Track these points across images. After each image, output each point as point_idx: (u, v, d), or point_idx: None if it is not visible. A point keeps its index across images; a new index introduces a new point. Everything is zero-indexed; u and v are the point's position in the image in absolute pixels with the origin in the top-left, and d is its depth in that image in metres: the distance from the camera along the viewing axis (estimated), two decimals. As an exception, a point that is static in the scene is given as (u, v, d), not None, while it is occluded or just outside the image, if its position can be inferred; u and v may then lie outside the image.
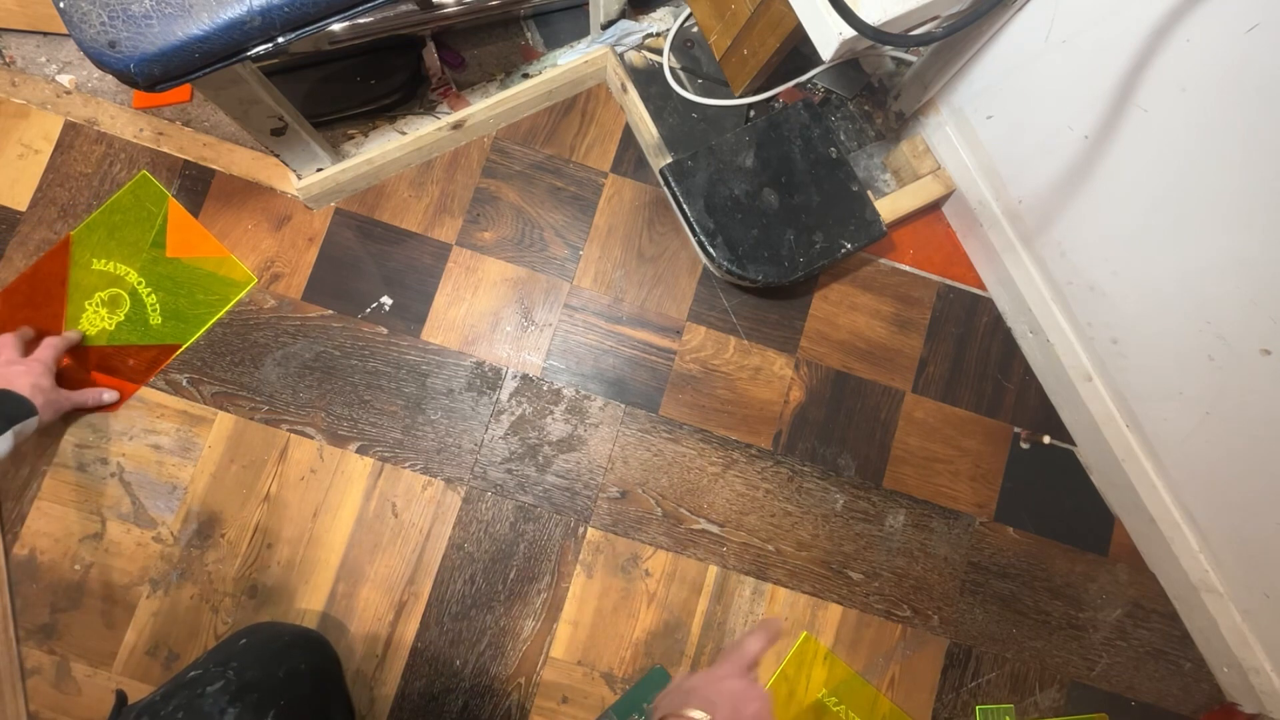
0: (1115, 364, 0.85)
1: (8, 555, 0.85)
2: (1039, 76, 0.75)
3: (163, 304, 0.88)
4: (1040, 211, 0.84)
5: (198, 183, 0.93)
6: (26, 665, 0.83)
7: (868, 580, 0.92)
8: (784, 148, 0.89)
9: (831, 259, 0.88)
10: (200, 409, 0.89)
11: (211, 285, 0.90)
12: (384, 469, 0.89)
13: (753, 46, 0.83)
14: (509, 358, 0.93)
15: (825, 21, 0.62)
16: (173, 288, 0.90)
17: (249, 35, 0.57)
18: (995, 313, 0.99)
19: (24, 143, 0.92)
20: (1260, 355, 0.67)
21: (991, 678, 0.91)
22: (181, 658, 0.84)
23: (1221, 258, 0.66)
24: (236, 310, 0.91)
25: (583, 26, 0.97)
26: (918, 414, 0.96)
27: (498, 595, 0.88)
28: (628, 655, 0.88)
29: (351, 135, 0.92)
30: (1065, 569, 0.94)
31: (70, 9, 0.55)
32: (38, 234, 0.90)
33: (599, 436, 0.92)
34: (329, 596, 0.87)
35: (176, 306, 0.89)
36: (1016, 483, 0.95)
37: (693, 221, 0.86)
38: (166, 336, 0.89)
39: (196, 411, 0.89)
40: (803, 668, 0.89)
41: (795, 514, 0.92)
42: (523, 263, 0.95)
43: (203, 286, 0.90)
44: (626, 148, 0.98)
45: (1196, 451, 0.80)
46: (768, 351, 0.96)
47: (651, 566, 0.90)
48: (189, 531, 0.87)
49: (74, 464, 0.87)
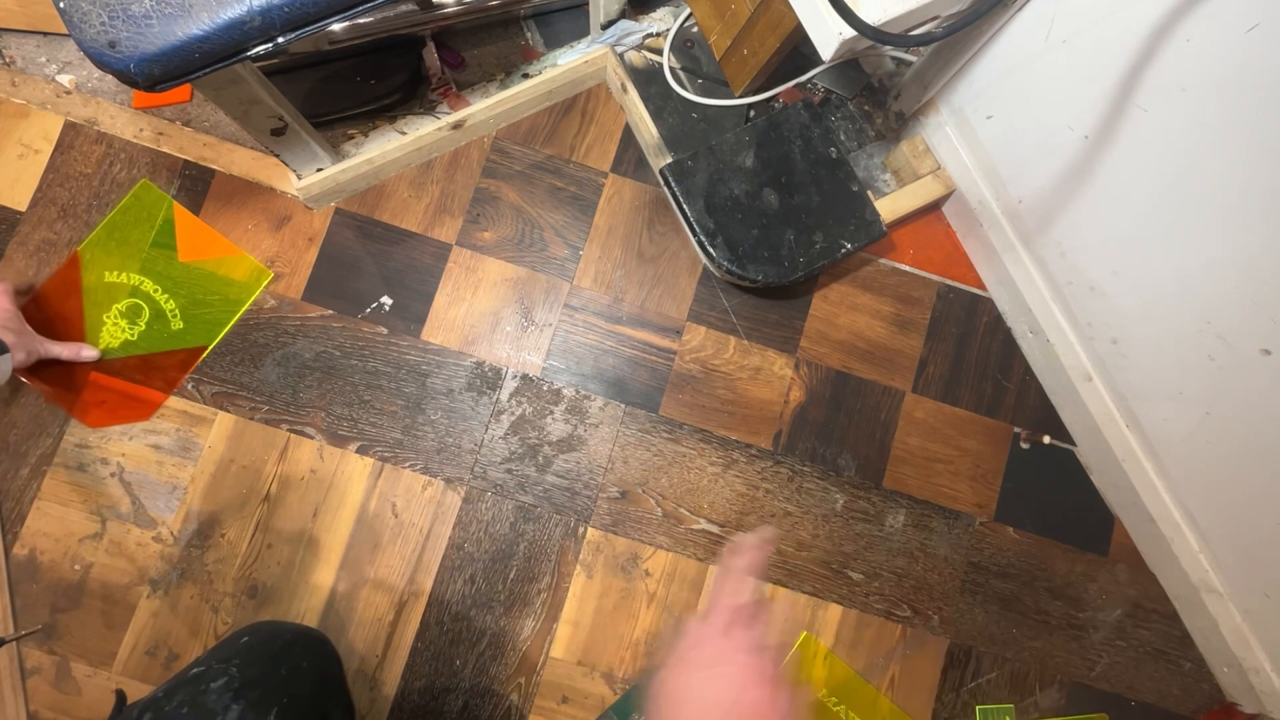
0: (1115, 364, 0.85)
1: (8, 555, 0.85)
2: (1039, 76, 0.75)
3: (182, 308, 0.89)
4: (1040, 211, 0.84)
5: (198, 183, 0.93)
6: (26, 665, 0.83)
7: (868, 580, 0.92)
8: (784, 148, 0.89)
9: (831, 259, 0.88)
10: (200, 409, 0.89)
11: (228, 284, 0.90)
12: (384, 469, 0.89)
13: (753, 46, 0.83)
14: (509, 358, 0.93)
15: (825, 21, 0.62)
16: (189, 291, 0.90)
17: (249, 35, 0.57)
18: (995, 313, 0.99)
19: (24, 143, 0.92)
20: (1260, 355, 0.67)
21: (991, 678, 0.91)
22: (181, 657, 0.84)
23: (1221, 258, 0.66)
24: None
25: (583, 26, 0.97)
26: (918, 414, 0.96)
27: (498, 595, 0.88)
28: (628, 655, 0.88)
29: (351, 135, 0.92)
30: (1065, 569, 0.94)
31: (70, 9, 0.55)
32: (38, 234, 0.90)
33: (599, 436, 0.92)
34: (329, 596, 0.87)
35: (195, 309, 0.89)
36: (1016, 483, 0.95)
37: (693, 221, 0.86)
38: (190, 340, 0.89)
39: (196, 411, 0.89)
40: (802, 668, 0.89)
41: (795, 514, 0.92)
42: (523, 263, 0.95)
43: (218, 286, 0.90)
44: (626, 148, 0.98)
45: (1196, 451, 0.80)
46: (768, 351, 0.96)
47: (651, 566, 0.90)
48: (189, 531, 0.87)
49: (74, 464, 0.87)
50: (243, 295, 0.90)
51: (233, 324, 0.89)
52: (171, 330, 0.88)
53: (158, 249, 0.90)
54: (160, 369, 0.88)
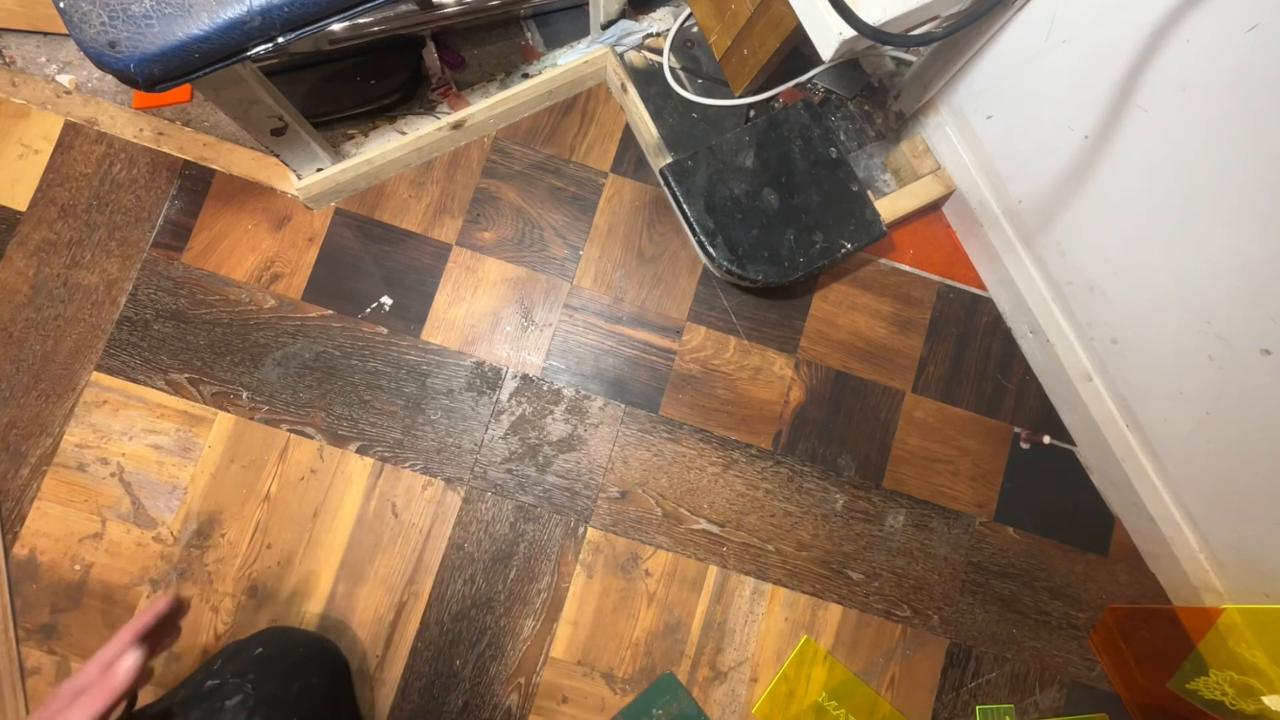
0: (1115, 364, 0.85)
1: (8, 555, 0.85)
2: (1039, 76, 0.75)
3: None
4: (1040, 211, 0.84)
5: (198, 183, 0.93)
6: (26, 665, 0.83)
7: (868, 580, 0.92)
8: (784, 148, 0.89)
9: (831, 259, 0.88)
10: (200, 409, 0.89)
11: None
12: (384, 469, 0.89)
13: (753, 46, 0.83)
14: (509, 358, 0.93)
15: (825, 21, 0.62)
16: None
17: (249, 35, 0.57)
18: (995, 313, 0.99)
19: (24, 143, 0.92)
20: (1260, 355, 0.67)
21: (991, 678, 0.91)
22: (181, 658, 0.84)
23: (1221, 258, 0.66)
24: (236, 311, 0.91)
25: (583, 26, 0.97)
26: (918, 414, 0.96)
27: (498, 595, 0.88)
28: (628, 655, 0.88)
29: (351, 135, 0.92)
30: (1065, 569, 0.94)
31: (70, 9, 0.55)
32: (38, 234, 0.90)
33: (599, 436, 0.92)
34: (329, 596, 0.87)
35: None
36: (1016, 483, 0.95)
37: (693, 221, 0.86)
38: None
39: (196, 411, 0.89)
40: (802, 668, 0.89)
41: (795, 514, 0.92)
42: (523, 263, 0.95)
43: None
44: (626, 148, 0.98)
45: (1196, 451, 0.80)
46: (768, 351, 0.96)
47: (651, 566, 0.90)
48: (189, 531, 0.87)
49: (74, 464, 0.87)
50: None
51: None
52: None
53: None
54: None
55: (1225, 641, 0.76)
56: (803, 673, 0.89)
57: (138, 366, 0.89)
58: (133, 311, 0.90)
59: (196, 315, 0.90)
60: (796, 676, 0.89)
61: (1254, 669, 0.73)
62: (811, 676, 0.89)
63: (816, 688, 0.89)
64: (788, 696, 0.89)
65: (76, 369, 0.88)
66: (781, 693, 0.88)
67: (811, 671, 0.89)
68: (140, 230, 0.91)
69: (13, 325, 0.88)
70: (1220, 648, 0.77)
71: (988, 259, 0.96)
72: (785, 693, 0.89)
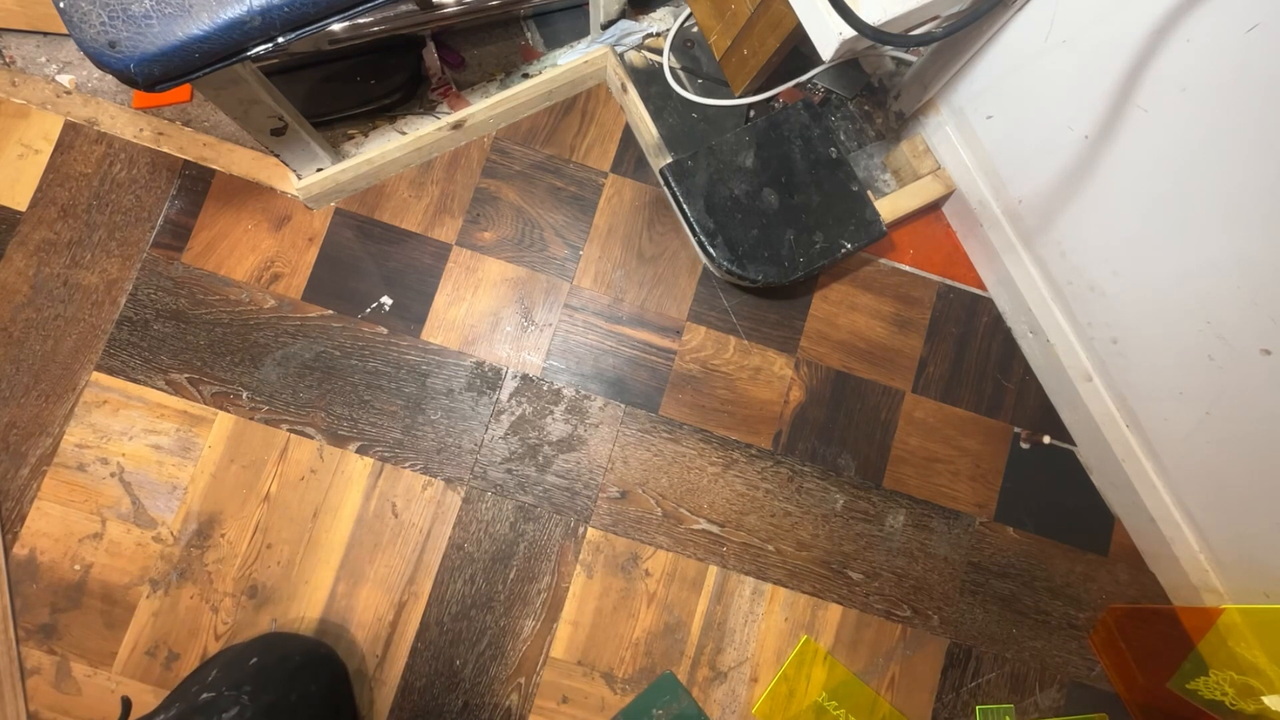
0: (1115, 364, 0.85)
1: (8, 555, 0.85)
2: (1039, 76, 0.75)
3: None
4: (1040, 211, 0.84)
5: (198, 183, 0.93)
6: (26, 665, 0.83)
7: (868, 580, 0.92)
8: (784, 148, 0.89)
9: (831, 259, 0.88)
10: (200, 409, 0.89)
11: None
12: (384, 469, 0.89)
13: (753, 46, 0.83)
14: (509, 358, 0.93)
15: (825, 21, 0.62)
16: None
17: (249, 35, 0.57)
18: (995, 313, 0.99)
19: (24, 143, 0.92)
20: (1260, 355, 0.67)
21: (991, 678, 0.91)
22: (181, 657, 0.84)
23: (1221, 258, 0.66)
24: (236, 311, 0.91)
25: (583, 26, 0.97)
26: (918, 414, 0.96)
27: (498, 595, 0.88)
28: (628, 655, 0.88)
29: (351, 135, 0.92)
30: (1065, 569, 0.94)
31: (70, 9, 0.55)
32: (38, 234, 0.90)
33: (599, 436, 0.92)
34: (329, 596, 0.87)
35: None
36: (1016, 483, 0.95)
37: (693, 221, 0.86)
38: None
39: (196, 411, 0.89)
40: (802, 668, 0.89)
41: (795, 514, 0.92)
42: (523, 263, 0.95)
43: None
44: (626, 148, 0.98)
45: (1196, 451, 0.80)
46: (768, 351, 0.96)
47: (651, 566, 0.90)
48: (189, 531, 0.87)
49: (74, 464, 0.87)
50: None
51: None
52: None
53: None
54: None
55: (1225, 641, 0.76)
56: (803, 673, 0.89)
57: (138, 366, 0.89)
58: (133, 311, 0.90)
59: (196, 315, 0.90)
60: (796, 676, 0.89)
61: (1254, 669, 0.73)
62: (811, 676, 0.89)
63: (816, 688, 0.89)
64: (788, 696, 0.89)
65: (76, 369, 0.88)
66: (781, 693, 0.89)
67: (811, 671, 0.89)
68: (140, 230, 0.91)
69: (13, 325, 0.89)
70: (1220, 648, 0.77)
71: (988, 259, 0.96)
72: (785, 693, 0.89)
